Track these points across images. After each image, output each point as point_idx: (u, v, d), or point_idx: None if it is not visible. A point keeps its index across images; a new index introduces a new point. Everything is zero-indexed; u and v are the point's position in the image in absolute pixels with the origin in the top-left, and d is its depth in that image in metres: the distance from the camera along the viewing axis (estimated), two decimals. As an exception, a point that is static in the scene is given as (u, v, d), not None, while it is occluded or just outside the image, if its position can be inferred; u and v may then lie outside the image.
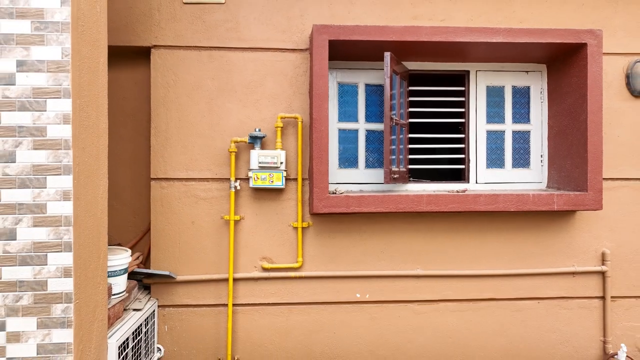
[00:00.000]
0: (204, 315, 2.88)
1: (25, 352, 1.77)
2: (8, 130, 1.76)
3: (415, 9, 2.97)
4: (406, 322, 2.96)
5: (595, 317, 3.04)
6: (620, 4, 3.04)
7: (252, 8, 2.89)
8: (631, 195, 3.04)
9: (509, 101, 3.21)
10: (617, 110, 3.03)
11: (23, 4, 1.76)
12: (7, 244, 1.76)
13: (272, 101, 2.89)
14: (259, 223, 2.89)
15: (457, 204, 2.80)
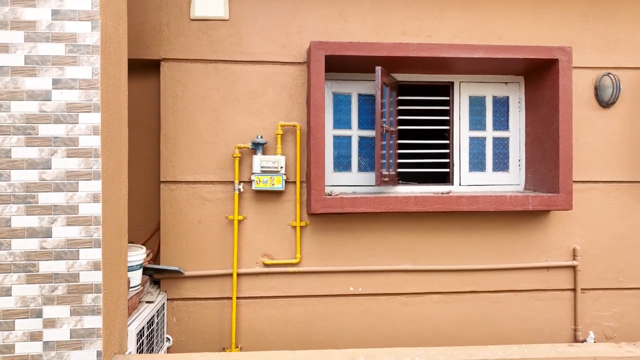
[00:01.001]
0: (209, 308, 3.12)
1: (60, 337, 2.00)
2: (45, 140, 1.99)
3: (404, 25, 3.24)
4: (395, 313, 3.23)
5: (566, 308, 3.34)
6: (589, 23, 3.34)
7: (254, 24, 3.13)
8: (599, 197, 3.34)
9: (490, 110, 3.49)
10: (587, 119, 3.33)
11: (58, 30, 1.99)
12: (44, 241, 1.99)
13: (273, 110, 3.14)
14: (260, 222, 3.14)
15: (442, 204, 3.07)
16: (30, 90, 1.98)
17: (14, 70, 1.98)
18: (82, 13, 2.01)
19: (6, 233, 1.97)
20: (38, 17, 1.98)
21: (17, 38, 1.97)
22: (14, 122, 1.98)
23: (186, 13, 3.10)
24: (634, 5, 3.35)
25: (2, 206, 1.97)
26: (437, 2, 3.25)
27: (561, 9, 3.32)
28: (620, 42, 3.35)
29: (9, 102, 1.97)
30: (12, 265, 1.98)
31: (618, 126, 3.35)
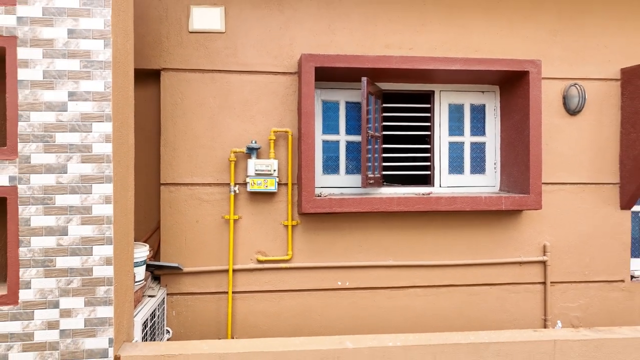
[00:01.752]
0: (207, 302, 3.34)
1: (75, 325, 2.21)
2: (61, 147, 2.19)
3: (387, 38, 3.49)
4: (380, 305, 3.48)
5: (537, 299, 3.62)
6: (559, 37, 3.63)
7: (249, 37, 3.36)
8: (567, 197, 3.63)
9: (468, 117, 3.76)
10: (556, 126, 3.62)
11: (74, 47, 2.19)
12: (61, 239, 2.20)
13: (266, 117, 3.37)
14: (254, 222, 3.37)
15: (423, 205, 3.33)
16: (48, 101, 2.19)
17: (33, 83, 2.17)
18: (95, 32, 2.21)
19: (26, 231, 2.17)
20: (55, 35, 2.18)
21: (37, 54, 2.17)
22: (33, 130, 2.18)
23: (185, 26, 3.31)
24: (598, 21, 3.64)
25: (22, 207, 2.17)
26: (419, 17, 3.50)
27: (533, 24, 3.61)
28: (586, 55, 3.64)
29: (29, 113, 2.17)
30: (31, 260, 2.18)
31: (584, 132, 3.64)
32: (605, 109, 3.65)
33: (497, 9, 3.57)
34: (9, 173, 2.17)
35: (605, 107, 3.65)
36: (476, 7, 3.55)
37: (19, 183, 2.17)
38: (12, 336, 2.17)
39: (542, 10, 3.61)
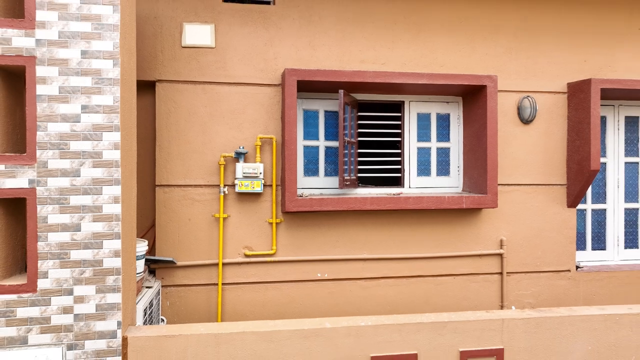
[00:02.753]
0: (198, 293, 3.66)
1: (87, 310, 2.51)
2: (75, 154, 2.50)
3: (363, 54, 3.87)
4: (356, 295, 3.87)
5: (495, 288, 4.07)
6: (514, 54, 4.08)
7: (237, 51, 3.69)
8: (521, 197, 4.08)
9: (434, 125, 4.18)
10: (511, 133, 4.07)
11: (86, 66, 2.50)
12: (74, 234, 2.50)
13: (252, 124, 3.71)
14: (242, 220, 3.71)
15: (393, 204, 3.73)
16: (64, 114, 2.49)
17: (50, 98, 2.47)
18: (105, 53, 2.52)
19: (44, 228, 2.47)
20: (70, 55, 2.49)
21: (53, 72, 2.47)
22: (50, 139, 2.47)
23: (178, 41, 3.63)
24: (549, 41, 4.10)
25: (40, 206, 2.46)
26: (390, 35, 3.90)
27: (491, 42, 4.05)
28: (538, 71, 4.10)
29: (46, 123, 2.47)
30: (48, 253, 2.48)
31: (536, 139, 4.10)
32: (554, 118, 4.12)
33: (459, 29, 3.99)
34: (29, 176, 2.46)
35: (554, 117, 4.12)
36: (441, 27, 3.97)
37: (38, 185, 2.47)
38: (32, 320, 2.46)
39: (500, 30, 4.05)
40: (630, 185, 4.50)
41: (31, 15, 2.46)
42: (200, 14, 3.66)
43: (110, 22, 2.53)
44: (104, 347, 2.53)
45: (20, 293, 2.46)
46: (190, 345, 2.61)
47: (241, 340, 2.66)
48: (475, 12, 4.00)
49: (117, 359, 2.55)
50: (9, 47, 2.44)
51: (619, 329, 2.98)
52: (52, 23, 2.47)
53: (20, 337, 2.45)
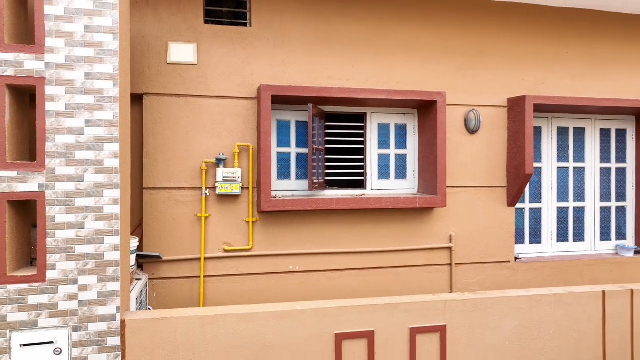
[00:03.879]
0: (182, 285, 4.07)
1: (90, 297, 2.90)
2: (79, 162, 2.89)
3: (330, 72, 4.37)
4: (323, 285, 4.36)
5: (445, 277, 4.64)
6: (461, 72, 4.66)
7: (217, 68, 4.12)
8: (467, 197, 4.67)
9: (393, 134, 4.72)
10: (459, 142, 4.65)
11: (89, 86, 2.89)
12: (79, 231, 2.89)
13: (231, 133, 4.15)
14: (222, 219, 4.14)
15: (356, 204, 4.24)
16: (69, 127, 2.87)
17: (57, 113, 2.85)
18: (106, 75, 2.92)
19: (52, 226, 2.85)
20: (75, 77, 2.88)
21: (60, 91, 2.86)
22: (58, 149, 2.86)
23: (164, 59, 4.03)
24: (492, 61, 4.71)
25: (49, 207, 2.84)
26: (354, 55, 4.41)
27: (442, 62, 4.62)
28: (482, 87, 4.70)
29: (54, 135, 2.85)
30: (56, 248, 2.86)
31: (480, 147, 4.70)
32: (496, 129, 4.74)
33: (414, 50, 4.55)
34: (38, 181, 2.83)
35: (496, 128, 4.74)
36: (398, 48, 4.51)
37: (46, 189, 2.84)
38: (41, 306, 2.84)
39: (449, 51, 4.63)
40: (562, 187, 5.17)
41: (41, 41, 2.84)
42: (184, 34, 4.07)
43: (111, 48, 2.93)
44: (104, 328, 2.93)
45: (31, 283, 2.83)
46: (180, 326, 3.03)
47: (224, 321, 3.10)
48: (428, 36, 4.57)
49: (116, 339, 2.95)
50: (21, 69, 2.81)
51: (540, 307, 3.58)
52: (60, 49, 2.86)
53: (31, 321, 2.83)
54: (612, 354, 3.67)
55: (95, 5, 2.90)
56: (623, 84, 5.06)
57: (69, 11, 2.87)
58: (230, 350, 3.08)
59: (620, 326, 3.68)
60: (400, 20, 4.50)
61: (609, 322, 3.68)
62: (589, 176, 5.24)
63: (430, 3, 4.56)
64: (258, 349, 3.12)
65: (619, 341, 3.67)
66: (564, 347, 3.60)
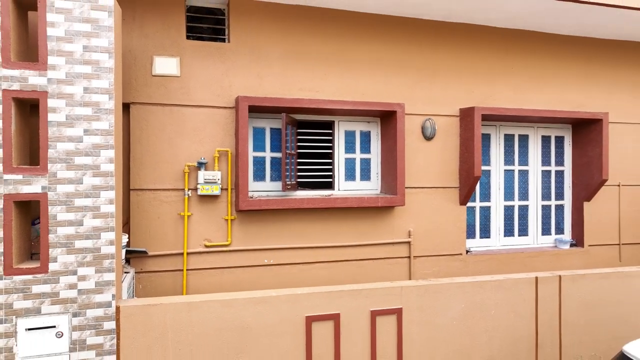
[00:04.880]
0: (166, 278, 4.46)
1: (88, 286, 3.28)
2: (79, 166, 3.25)
3: (301, 84, 4.84)
4: (295, 276, 4.82)
5: (405, 269, 5.18)
6: (418, 85, 5.22)
7: (198, 80, 4.53)
8: (424, 197, 5.23)
9: (358, 140, 5.23)
10: (417, 148, 5.20)
11: (87, 99, 3.27)
12: (78, 228, 3.25)
13: (211, 139, 4.56)
14: (203, 217, 4.55)
15: (325, 203, 4.73)
16: (69, 136, 3.24)
17: (59, 123, 3.22)
18: (102, 89, 3.30)
19: (54, 223, 3.21)
20: (75, 91, 3.24)
21: (61, 104, 3.22)
22: (59, 155, 3.22)
23: (149, 71, 4.40)
24: (445, 76, 5.28)
25: (51, 207, 3.20)
26: (324, 69, 4.90)
27: (402, 76, 5.16)
28: (437, 99, 5.27)
29: (56, 143, 3.21)
30: (57, 243, 3.21)
31: (435, 152, 5.27)
32: (449, 136, 5.32)
33: (377, 65, 5.07)
34: (42, 184, 3.19)
35: (449, 135, 5.32)
36: (363, 63, 5.02)
37: (49, 191, 3.20)
38: (44, 295, 3.19)
39: (409, 67, 5.17)
40: (508, 187, 5.81)
41: (44, 59, 3.19)
42: (168, 48, 4.46)
43: (107, 65, 3.31)
44: (101, 314, 3.31)
45: (35, 274, 3.18)
46: (169, 311, 3.44)
47: (207, 307, 3.52)
48: (389, 53, 5.10)
49: (112, 323, 3.33)
50: (26, 84, 3.16)
51: (483, 291, 4.15)
52: (61, 66, 3.22)
53: (35, 307, 3.18)
54: (543, 331, 4.27)
55: (92, 28, 3.28)
56: (560, 96, 5.74)
57: (69, 33, 3.23)
58: (214, 332, 3.51)
59: (550, 307, 4.29)
60: (364, 39, 5.01)
61: (541, 304, 4.28)
62: (532, 178, 5.90)
63: (391, 24, 5.09)
64: (238, 331, 3.56)
65: (549, 320, 4.29)
66: (503, 325, 4.18)
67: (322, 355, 3.73)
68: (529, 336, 4.23)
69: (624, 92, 6.01)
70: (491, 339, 4.14)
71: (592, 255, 5.90)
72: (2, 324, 3.12)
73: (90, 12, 3.27)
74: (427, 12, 5.05)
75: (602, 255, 5.93)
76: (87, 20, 3.27)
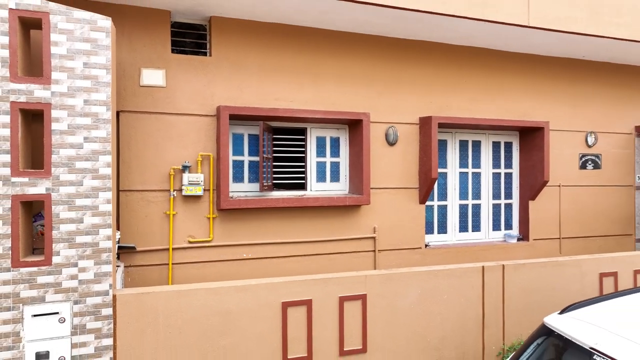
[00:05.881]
0: (153, 271, 4.87)
1: (88, 277, 3.68)
2: (79, 170, 3.65)
3: (277, 94, 5.33)
4: (271, 269, 5.31)
5: (370, 261, 5.75)
6: (383, 96, 5.80)
7: (183, 90, 4.96)
8: (388, 197, 5.81)
9: (328, 145, 5.77)
10: (381, 152, 5.78)
11: (87, 110, 3.67)
12: (79, 225, 3.65)
13: (195, 145, 5.00)
14: (187, 215, 4.98)
15: (299, 202, 5.24)
16: (71, 142, 3.63)
17: (61, 132, 3.61)
18: (100, 101, 3.71)
19: (57, 221, 3.59)
20: (76, 103, 3.64)
21: (63, 114, 3.61)
22: (61, 160, 3.61)
23: (137, 82, 4.81)
24: (406, 88, 5.88)
25: (54, 206, 3.59)
26: (297, 80, 5.41)
27: (368, 88, 5.72)
28: (399, 108, 5.86)
29: (59, 149, 3.60)
30: (60, 238, 3.60)
31: (398, 156, 5.86)
32: (410, 142, 5.92)
33: (346, 78, 5.62)
34: (46, 185, 3.57)
35: (410, 141, 5.92)
36: (333, 76, 5.56)
37: (52, 192, 3.59)
38: (48, 285, 3.58)
39: (374, 80, 5.74)
40: (463, 188, 6.47)
41: (48, 74, 3.58)
42: (154, 61, 4.87)
43: (105, 80, 3.72)
44: (100, 302, 3.71)
45: (40, 266, 3.56)
46: (160, 298, 3.87)
47: (195, 294, 3.97)
48: (356, 67, 5.65)
49: (109, 309, 3.74)
50: (32, 96, 3.54)
51: (436, 279, 4.74)
52: (63, 80, 3.61)
53: (40, 296, 3.56)
54: (488, 313, 4.91)
55: (92, 47, 3.69)
56: (508, 106, 6.44)
57: (71, 51, 3.63)
58: (200, 316, 3.96)
59: (494, 291, 4.93)
60: (334, 54, 5.55)
61: (487, 289, 4.92)
62: (483, 179, 6.59)
63: (358, 40, 5.65)
64: (222, 315, 4.02)
65: (493, 302, 4.93)
66: (454, 309, 4.79)
67: (296, 336, 4.24)
68: (477, 318, 4.85)
69: (563, 103, 6.78)
70: (444, 321, 4.74)
71: (537, 249, 6.63)
72: (10, 311, 3.49)
73: (90, 32, 3.68)
74: (390, 31, 5.63)
75: (545, 248, 6.67)
76: (87, 40, 3.67)
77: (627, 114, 7.24)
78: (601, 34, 5.72)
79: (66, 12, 3.62)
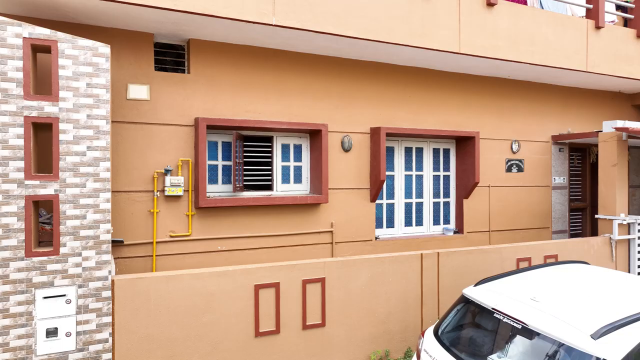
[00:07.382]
0: (139, 262, 5.53)
1: (90, 265, 4.33)
2: (83, 174, 4.31)
3: (248, 107, 6.12)
4: (243, 260, 6.08)
5: (329, 252, 6.63)
6: (339, 109, 6.70)
7: (165, 103, 5.65)
8: (343, 196, 6.72)
9: (292, 151, 6.61)
10: (338, 157, 6.68)
11: (90, 124, 4.33)
12: (82, 221, 4.31)
13: (176, 151, 5.70)
14: (169, 213, 5.67)
15: (266, 201, 6.05)
16: (76, 151, 4.28)
17: (67, 142, 4.25)
18: (101, 116, 4.38)
19: (63, 217, 4.23)
20: (80, 117, 4.29)
21: (70, 127, 4.26)
22: (67, 166, 4.25)
23: (124, 96, 5.46)
24: (359, 102, 6.82)
25: (61, 205, 4.22)
26: (265, 94, 6.21)
27: (326, 102, 6.61)
28: (353, 119, 6.79)
29: (65, 156, 4.24)
30: (66, 232, 4.25)
31: (352, 161, 6.78)
32: (362, 149, 6.86)
33: (306, 93, 6.48)
34: (54, 187, 4.21)
35: (362, 148, 6.86)
36: (295, 91, 6.40)
37: (60, 193, 4.22)
38: (56, 271, 4.21)
39: (331, 94, 6.64)
40: (408, 188, 7.49)
41: (56, 93, 4.22)
42: (140, 78, 5.54)
43: (105, 98, 4.40)
44: (100, 285, 4.38)
45: (49, 256, 4.19)
46: (152, 283, 4.58)
47: (181, 279, 4.70)
48: (316, 83, 6.53)
49: (108, 292, 4.41)
50: (42, 111, 4.16)
51: (384, 265, 5.69)
52: (69, 98, 4.26)
53: (49, 281, 4.19)
54: (426, 292, 5.91)
55: (94, 70, 4.35)
56: (445, 119, 7.52)
57: (76, 73, 4.28)
58: (186, 297, 4.70)
59: (431, 275, 5.94)
60: (297, 72, 6.40)
61: (425, 273, 5.92)
62: (425, 181, 7.63)
63: (317, 60, 6.53)
64: (204, 296, 4.78)
65: (430, 284, 5.93)
66: (398, 289, 5.75)
67: (267, 313, 5.05)
68: (416, 296, 5.84)
69: (492, 115, 7.95)
70: (389, 299, 5.69)
71: (470, 240, 7.75)
72: (24, 294, 4.10)
73: (92, 57, 4.34)
74: (346, 54, 6.54)
75: (477, 240, 7.81)
76: (89, 64, 4.33)
77: (545, 125, 8.53)
78: (519, 59, 6.88)
79: (72, 40, 4.27)
